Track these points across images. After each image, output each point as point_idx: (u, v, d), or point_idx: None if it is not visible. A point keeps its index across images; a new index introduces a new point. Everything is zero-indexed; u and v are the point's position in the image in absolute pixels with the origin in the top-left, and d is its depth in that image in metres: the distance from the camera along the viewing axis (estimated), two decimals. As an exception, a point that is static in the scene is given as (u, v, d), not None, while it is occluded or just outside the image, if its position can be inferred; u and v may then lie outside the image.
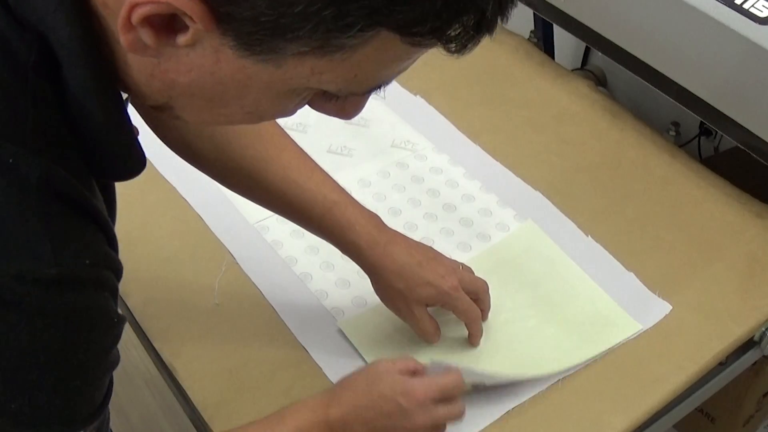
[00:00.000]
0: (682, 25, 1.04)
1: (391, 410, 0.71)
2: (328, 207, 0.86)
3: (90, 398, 0.55)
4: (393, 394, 0.72)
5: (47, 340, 0.50)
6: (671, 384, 0.88)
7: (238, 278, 0.98)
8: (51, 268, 0.49)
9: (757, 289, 0.98)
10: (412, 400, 0.71)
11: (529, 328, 0.93)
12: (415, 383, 0.73)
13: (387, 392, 0.72)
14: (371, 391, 0.72)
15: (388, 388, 0.72)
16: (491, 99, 1.24)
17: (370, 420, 0.71)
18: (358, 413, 0.71)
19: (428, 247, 0.89)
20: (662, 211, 1.07)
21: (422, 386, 0.73)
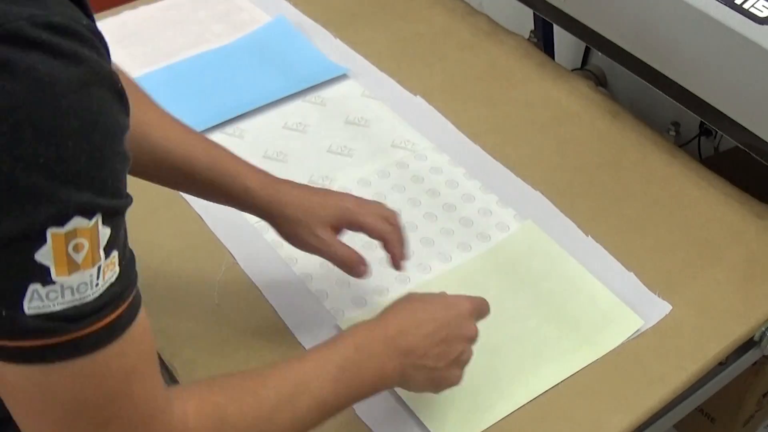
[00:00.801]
0: (682, 25, 1.04)
1: (447, 319, 0.75)
2: (213, 158, 0.85)
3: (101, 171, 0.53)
4: (446, 307, 0.77)
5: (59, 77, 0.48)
6: (671, 384, 0.88)
7: (238, 278, 0.98)
8: (56, 17, 0.48)
9: (757, 289, 0.98)
10: (463, 311, 0.77)
11: (530, 328, 0.93)
12: (460, 299, 0.79)
13: (439, 305, 0.77)
14: (425, 307, 0.76)
15: (439, 301, 0.78)
16: (491, 99, 1.24)
17: (427, 329, 0.74)
18: (415, 322, 0.74)
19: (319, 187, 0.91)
20: (662, 211, 1.07)
21: (467, 300, 0.79)
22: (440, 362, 0.75)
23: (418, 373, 0.74)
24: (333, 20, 1.37)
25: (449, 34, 1.35)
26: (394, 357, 0.72)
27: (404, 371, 0.73)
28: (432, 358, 0.74)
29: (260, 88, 1.24)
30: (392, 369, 0.72)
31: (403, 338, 0.73)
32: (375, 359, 0.71)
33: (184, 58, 1.29)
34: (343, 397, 0.70)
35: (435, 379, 0.76)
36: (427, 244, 1.02)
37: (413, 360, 0.73)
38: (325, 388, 0.68)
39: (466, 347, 0.77)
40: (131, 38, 1.33)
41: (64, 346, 0.51)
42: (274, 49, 1.31)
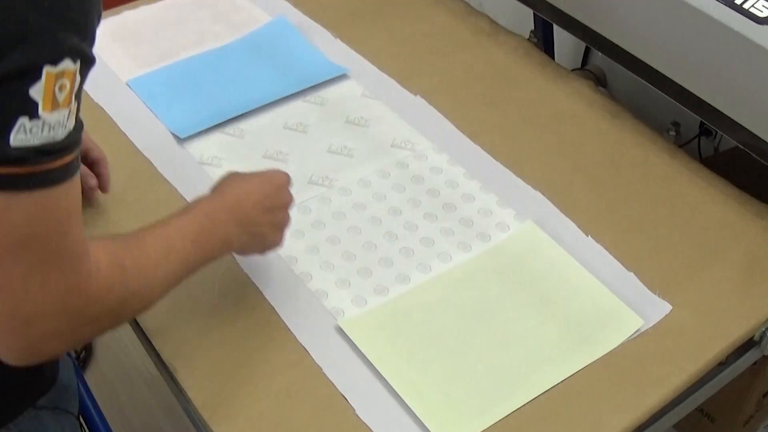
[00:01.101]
0: (682, 25, 1.05)
1: (270, 191, 0.90)
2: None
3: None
4: (267, 181, 0.90)
5: None
6: (671, 384, 0.88)
7: (238, 278, 0.98)
8: None
9: (757, 289, 0.98)
10: (282, 183, 0.91)
11: (530, 328, 0.93)
12: (277, 172, 0.92)
13: (262, 179, 0.90)
14: (252, 180, 0.89)
15: (260, 176, 0.91)
16: (491, 99, 1.24)
17: (257, 198, 0.87)
18: (246, 193, 0.87)
19: None
20: (662, 211, 1.07)
21: (282, 173, 0.92)
22: (268, 227, 0.89)
23: (253, 240, 0.88)
24: (333, 20, 1.37)
25: (449, 34, 1.35)
26: (234, 225, 0.85)
27: (242, 237, 0.86)
28: (262, 225, 0.88)
29: (260, 88, 1.24)
30: (234, 235, 0.85)
31: (240, 208, 0.86)
32: (221, 226, 0.83)
33: (184, 58, 1.29)
34: (201, 256, 0.81)
35: (264, 243, 0.91)
36: (427, 244, 1.02)
37: (248, 228, 0.86)
38: (187, 248, 0.79)
39: (285, 213, 0.91)
40: (131, 38, 1.33)
41: (34, 177, 0.60)
42: (274, 49, 1.31)
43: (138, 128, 1.17)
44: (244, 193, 0.87)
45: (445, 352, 0.90)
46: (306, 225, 1.04)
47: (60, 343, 0.67)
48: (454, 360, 0.90)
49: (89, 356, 1.89)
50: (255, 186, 0.89)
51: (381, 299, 0.96)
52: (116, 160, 1.12)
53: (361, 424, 0.84)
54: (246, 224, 0.86)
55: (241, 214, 0.85)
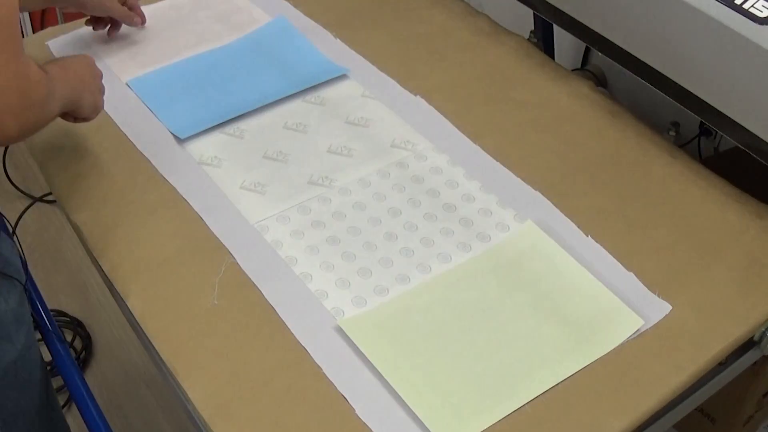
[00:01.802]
0: (682, 25, 1.05)
1: (89, 62, 1.08)
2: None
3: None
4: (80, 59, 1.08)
5: None
6: (671, 384, 0.88)
7: (238, 278, 0.98)
8: None
9: (757, 289, 0.98)
10: (90, 59, 1.09)
11: (530, 328, 0.93)
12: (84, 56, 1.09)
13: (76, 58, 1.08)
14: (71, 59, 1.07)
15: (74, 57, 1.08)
16: (491, 99, 1.24)
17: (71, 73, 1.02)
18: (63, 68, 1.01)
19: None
20: (662, 211, 1.07)
21: (87, 56, 1.10)
22: (98, 93, 1.09)
23: (92, 103, 1.07)
24: (333, 20, 1.37)
25: (449, 34, 1.35)
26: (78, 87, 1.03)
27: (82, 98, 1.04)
28: (96, 90, 1.09)
29: (260, 88, 1.24)
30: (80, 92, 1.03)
31: (79, 78, 1.04)
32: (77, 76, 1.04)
33: (184, 58, 1.29)
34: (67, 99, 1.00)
35: (96, 103, 1.08)
36: (427, 244, 1.02)
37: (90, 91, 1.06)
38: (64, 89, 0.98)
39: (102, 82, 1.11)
40: (131, 38, 1.33)
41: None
42: (274, 49, 1.31)
43: (138, 128, 1.17)
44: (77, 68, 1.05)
45: (445, 352, 0.90)
46: (306, 225, 1.04)
47: (14, 120, 0.83)
48: (454, 360, 0.90)
49: (89, 356, 1.89)
50: (78, 61, 1.07)
51: (381, 299, 0.96)
52: (116, 161, 1.13)
53: (361, 424, 0.84)
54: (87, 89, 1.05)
55: (79, 81, 1.03)
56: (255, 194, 1.08)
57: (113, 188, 1.09)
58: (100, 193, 1.08)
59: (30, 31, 2.37)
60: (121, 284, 0.98)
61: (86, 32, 1.34)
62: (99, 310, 1.98)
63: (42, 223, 2.19)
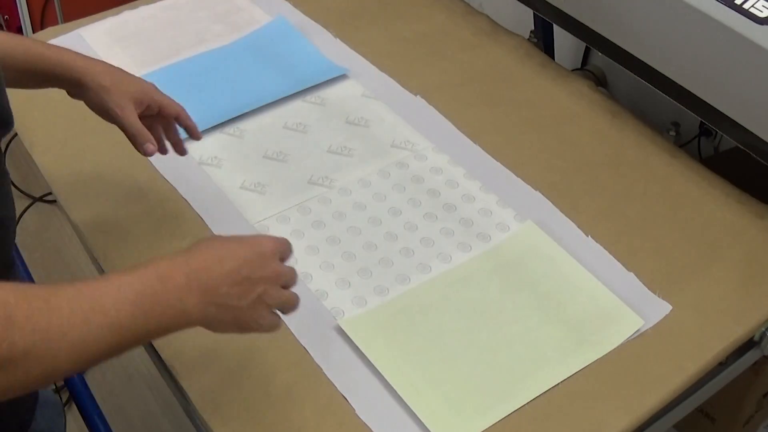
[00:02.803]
0: (682, 25, 1.05)
1: (248, 257, 0.75)
2: (28, 46, 0.93)
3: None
4: (248, 246, 0.76)
5: None
6: (671, 384, 0.88)
7: (238, 278, 0.97)
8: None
9: (757, 289, 0.98)
10: (266, 250, 0.76)
11: (530, 328, 0.93)
12: (263, 238, 0.78)
13: (243, 244, 0.76)
14: (229, 245, 0.75)
15: (242, 241, 0.77)
16: (491, 99, 1.24)
17: (230, 266, 0.73)
18: (218, 258, 0.73)
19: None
20: (662, 211, 1.07)
21: (270, 240, 0.78)
22: (242, 301, 0.73)
23: (223, 313, 0.73)
24: (333, 20, 1.37)
25: (449, 34, 1.35)
26: (195, 292, 0.70)
27: (207, 309, 0.71)
28: (234, 297, 0.73)
29: (260, 88, 1.24)
30: (194, 305, 0.70)
31: (206, 273, 0.71)
32: (177, 291, 0.69)
33: (184, 58, 1.29)
34: (142, 324, 0.67)
35: (239, 319, 0.74)
36: (427, 244, 1.02)
37: (215, 298, 0.72)
38: (123, 310, 0.65)
39: (268, 287, 0.75)
40: (131, 38, 1.33)
41: None
42: (274, 49, 1.31)
43: (138, 128, 1.17)
44: (216, 257, 0.73)
45: (446, 352, 0.90)
46: (306, 225, 1.04)
47: None
48: (454, 360, 0.90)
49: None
50: (231, 251, 0.74)
51: (381, 299, 0.96)
52: (116, 161, 1.13)
53: (361, 424, 0.84)
54: (211, 294, 0.71)
55: (206, 280, 0.71)
56: (255, 194, 1.08)
57: (113, 188, 1.09)
58: (100, 193, 1.08)
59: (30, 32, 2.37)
60: (121, 284, 0.98)
61: (86, 32, 1.34)
62: (99, 310, 1.98)
63: (42, 223, 2.19)
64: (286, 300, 0.77)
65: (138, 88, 0.96)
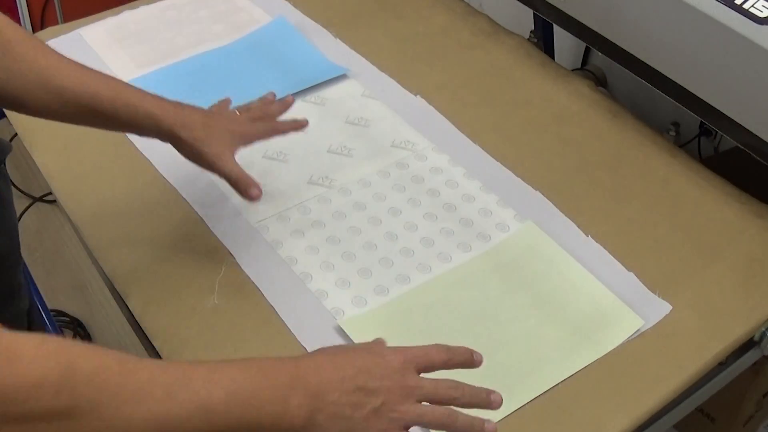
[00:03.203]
0: (682, 25, 1.05)
1: (368, 365, 0.68)
2: (115, 91, 0.89)
3: None
4: (369, 352, 0.69)
5: None
6: (671, 384, 0.88)
7: (238, 278, 0.98)
8: None
9: (757, 289, 0.98)
10: (390, 360, 0.69)
11: (530, 328, 0.93)
12: (389, 349, 0.70)
13: (362, 351, 0.70)
14: (347, 352, 0.69)
15: (363, 347, 0.70)
16: (491, 99, 1.24)
17: (345, 373, 0.67)
18: (333, 364, 0.67)
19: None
20: (662, 211, 1.07)
21: (397, 352, 0.70)
22: (357, 412, 0.66)
23: (333, 423, 0.65)
24: (333, 20, 1.37)
25: (449, 34, 1.35)
26: (300, 393, 0.64)
27: (313, 415, 0.64)
28: (348, 406, 0.65)
29: (260, 88, 1.23)
30: (297, 405, 0.63)
31: (315, 377, 0.65)
32: (278, 389, 0.63)
33: (184, 58, 1.29)
34: (236, 414, 0.61)
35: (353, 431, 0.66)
36: (427, 244, 1.02)
37: (324, 405, 0.65)
38: (215, 394, 0.60)
39: (391, 399, 0.67)
40: (131, 38, 1.33)
41: None
42: (274, 49, 1.31)
43: (138, 128, 1.17)
44: (330, 362, 0.67)
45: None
46: (306, 225, 1.04)
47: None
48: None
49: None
50: (348, 358, 0.67)
51: (381, 299, 0.96)
52: (116, 161, 1.13)
53: (361, 424, 0.84)
54: (319, 399, 0.64)
55: (315, 384, 0.64)
56: (255, 194, 1.08)
57: (113, 188, 1.09)
58: (100, 193, 1.08)
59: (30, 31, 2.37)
60: (121, 284, 0.98)
61: (86, 32, 1.34)
62: (99, 310, 1.98)
63: (42, 223, 2.19)
64: (421, 414, 0.68)
65: (238, 140, 0.94)
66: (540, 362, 0.90)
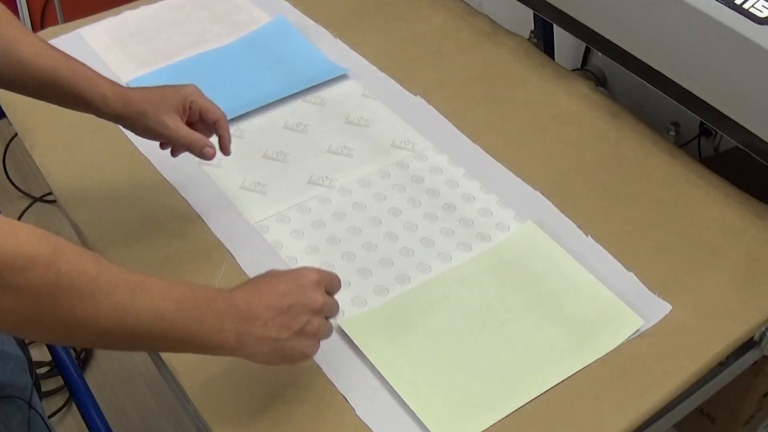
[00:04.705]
0: (682, 25, 1.04)
1: (289, 289, 0.77)
2: (73, 70, 0.92)
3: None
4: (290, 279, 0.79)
5: None
6: (671, 384, 0.88)
7: (238, 278, 0.97)
8: None
9: (757, 289, 0.98)
10: (307, 282, 0.78)
11: (530, 328, 0.93)
12: (307, 269, 0.80)
13: (284, 278, 0.79)
14: (270, 281, 0.78)
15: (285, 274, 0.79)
16: (491, 99, 1.24)
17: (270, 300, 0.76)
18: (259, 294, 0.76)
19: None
20: (662, 211, 1.07)
21: (314, 271, 0.80)
22: (283, 333, 0.75)
23: (260, 344, 0.75)
24: (333, 20, 1.37)
25: (449, 34, 1.35)
26: (234, 318, 0.73)
27: (243, 337, 0.74)
28: (274, 328, 0.75)
29: (260, 88, 1.24)
30: (231, 329, 0.73)
31: (245, 306, 0.74)
32: (217, 312, 0.72)
33: (184, 58, 1.29)
34: (182, 324, 0.70)
35: (281, 350, 0.76)
36: (427, 244, 1.02)
37: (253, 329, 0.74)
38: (167, 302, 0.68)
39: (311, 318, 0.77)
40: (131, 38, 1.33)
41: None
42: (274, 49, 1.31)
43: (138, 128, 1.17)
44: (257, 293, 0.76)
45: (445, 352, 0.90)
46: (306, 225, 1.04)
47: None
48: (454, 360, 0.90)
49: (89, 356, 1.89)
50: (272, 285, 0.77)
51: (381, 299, 0.96)
52: (116, 161, 1.13)
53: (361, 424, 0.84)
54: (249, 324, 0.74)
55: (245, 311, 0.74)
56: (255, 194, 1.08)
57: (113, 188, 1.09)
58: (100, 193, 1.08)
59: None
60: (121, 284, 0.98)
61: (86, 32, 1.34)
62: (99, 310, 1.98)
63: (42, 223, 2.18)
64: (327, 330, 0.80)
65: (178, 97, 0.95)
66: (540, 362, 0.90)
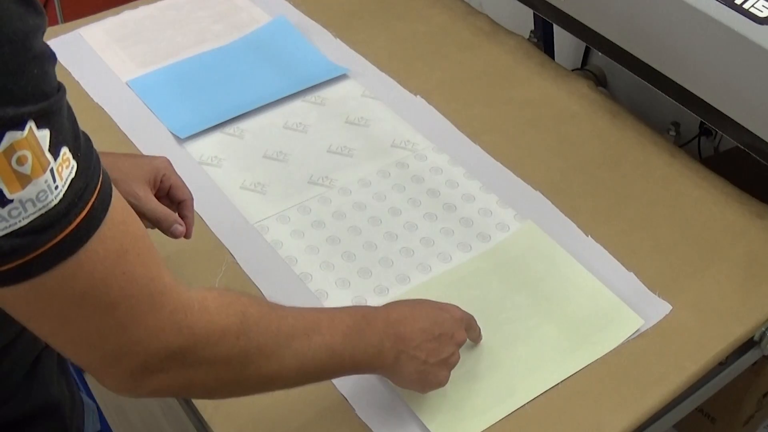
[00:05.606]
0: (682, 25, 1.04)
1: (441, 319, 0.81)
2: None
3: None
4: (441, 308, 0.83)
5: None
6: (671, 384, 0.88)
7: (238, 278, 0.98)
8: None
9: (757, 289, 0.98)
10: (456, 315, 0.84)
11: (530, 328, 0.93)
12: (453, 305, 0.85)
13: (435, 306, 0.83)
14: (423, 305, 0.82)
15: (435, 304, 0.84)
16: (491, 99, 1.24)
17: (424, 324, 0.80)
18: (414, 315, 0.80)
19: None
20: (662, 211, 1.07)
21: (459, 308, 0.85)
22: (431, 357, 0.79)
23: (410, 363, 0.78)
24: (333, 20, 1.37)
25: (449, 34, 1.35)
26: (392, 338, 0.77)
27: (399, 356, 0.78)
28: (425, 351, 0.79)
29: (260, 88, 1.24)
30: (389, 348, 0.77)
31: (402, 325, 0.78)
32: (377, 333, 0.76)
33: (184, 58, 1.29)
34: (349, 353, 0.73)
35: (424, 373, 0.80)
36: (427, 244, 1.02)
37: (407, 348, 0.78)
38: (336, 336, 0.72)
39: (455, 350, 0.82)
40: (131, 38, 1.33)
41: (43, 257, 0.52)
42: (274, 49, 1.31)
43: (138, 128, 1.17)
44: (411, 314, 0.80)
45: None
46: (306, 225, 1.04)
47: (166, 380, 0.62)
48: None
49: (89, 356, 1.88)
50: (426, 311, 0.81)
51: (381, 299, 0.95)
52: (116, 160, 1.13)
53: (361, 424, 0.84)
54: (405, 344, 0.78)
55: (401, 330, 0.78)
56: (255, 194, 1.08)
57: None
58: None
59: None
60: (121, 284, 0.98)
61: (86, 32, 1.34)
62: (99, 310, 1.98)
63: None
64: (457, 363, 0.84)
65: (149, 169, 0.90)
66: (540, 362, 0.90)
